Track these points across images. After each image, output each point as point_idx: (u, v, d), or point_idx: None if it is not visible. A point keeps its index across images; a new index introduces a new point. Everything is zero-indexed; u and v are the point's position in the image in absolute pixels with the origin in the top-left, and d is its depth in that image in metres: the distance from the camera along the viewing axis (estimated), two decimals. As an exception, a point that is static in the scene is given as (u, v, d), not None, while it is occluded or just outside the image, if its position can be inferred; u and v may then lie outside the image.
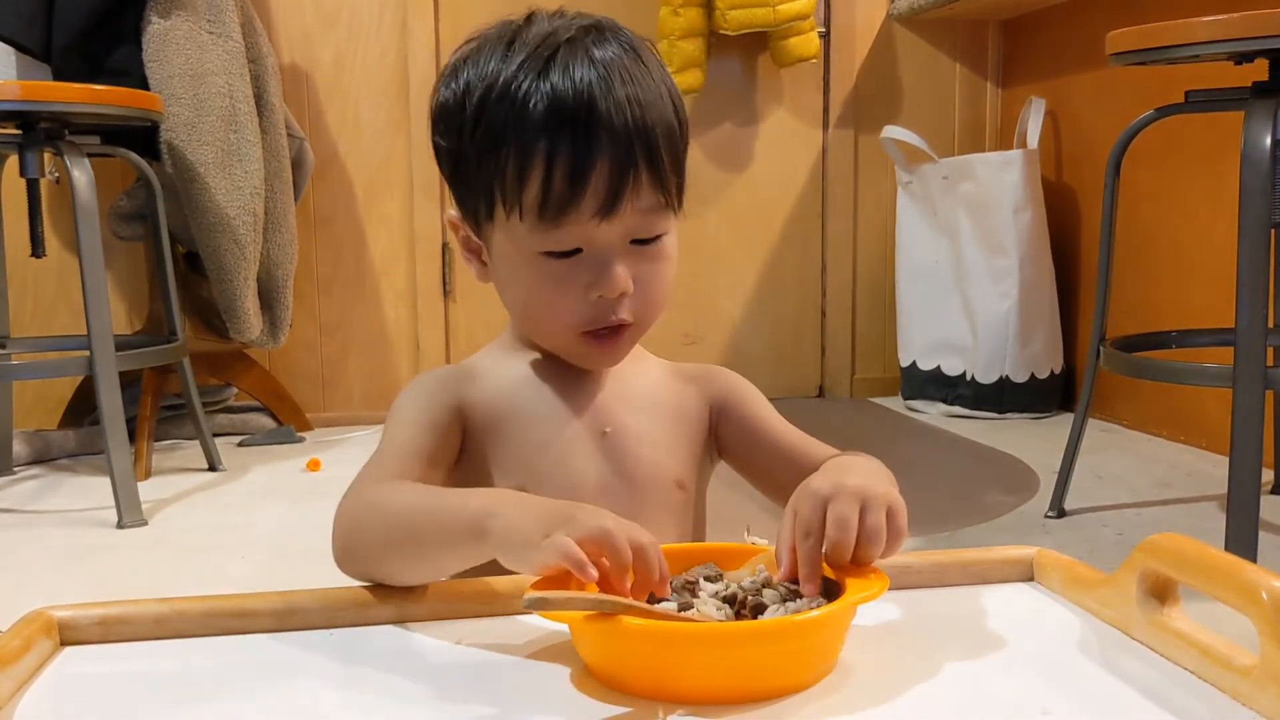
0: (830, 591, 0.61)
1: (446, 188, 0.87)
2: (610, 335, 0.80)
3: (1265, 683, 0.52)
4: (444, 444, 0.81)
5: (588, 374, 0.85)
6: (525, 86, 0.76)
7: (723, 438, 0.88)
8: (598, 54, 0.77)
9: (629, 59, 0.78)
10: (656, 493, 0.84)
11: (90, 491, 2.27)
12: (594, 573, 0.58)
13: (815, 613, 0.58)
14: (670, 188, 0.78)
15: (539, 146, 0.75)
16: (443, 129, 0.82)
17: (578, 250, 0.77)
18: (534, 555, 0.60)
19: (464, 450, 0.84)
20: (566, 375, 0.85)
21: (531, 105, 0.75)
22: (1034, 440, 2.63)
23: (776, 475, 0.85)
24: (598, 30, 0.79)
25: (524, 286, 0.80)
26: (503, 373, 0.85)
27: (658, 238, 0.79)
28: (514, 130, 0.76)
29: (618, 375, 0.86)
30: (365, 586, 0.71)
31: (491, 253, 0.82)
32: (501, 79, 0.77)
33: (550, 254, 0.78)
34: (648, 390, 0.87)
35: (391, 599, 0.69)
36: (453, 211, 0.86)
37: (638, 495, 0.83)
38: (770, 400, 0.92)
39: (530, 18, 0.81)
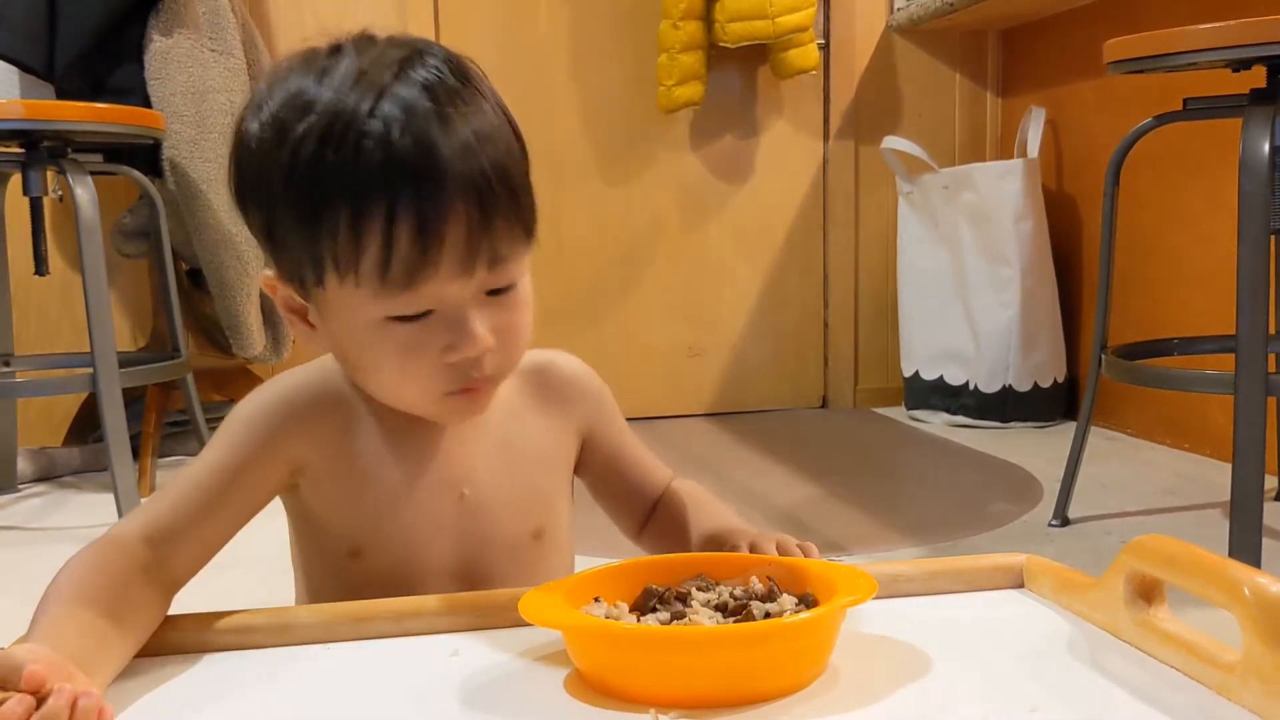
0: (819, 601, 0.62)
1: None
2: (472, 393, 0.72)
3: (1249, 678, 0.53)
4: (248, 491, 0.75)
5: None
6: (351, 128, 0.66)
7: (583, 462, 0.86)
8: (425, 83, 0.68)
9: (459, 84, 0.70)
10: (510, 549, 0.80)
11: (95, 508, 2.28)
12: None
13: (804, 615, 0.58)
14: (524, 232, 0.70)
15: (376, 203, 0.65)
16: (249, 175, 0.72)
17: (429, 311, 0.69)
18: None
19: (299, 491, 0.78)
20: (422, 424, 0.77)
21: (361, 152, 0.65)
22: (1037, 449, 2.63)
23: (625, 498, 0.86)
24: (418, 55, 0.71)
25: (369, 355, 0.71)
26: (369, 417, 0.77)
27: (512, 285, 0.71)
28: (341, 184, 0.66)
29: (476, 420, 0.79)
30: (362, 601, 0.71)
31: (323, 315, 0.72)
32: (319, 119, 0.67)
33: (398, 319, 0.69)
34: (508, 430, 0.81)
35: (387, 614, 0.69)
36: (268, 272, 0.75)
37: (488, 555, 0.80)
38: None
39: (340, 46, 0.72)
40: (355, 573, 0.78)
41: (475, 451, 0.80)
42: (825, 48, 3.15)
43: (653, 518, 0.87)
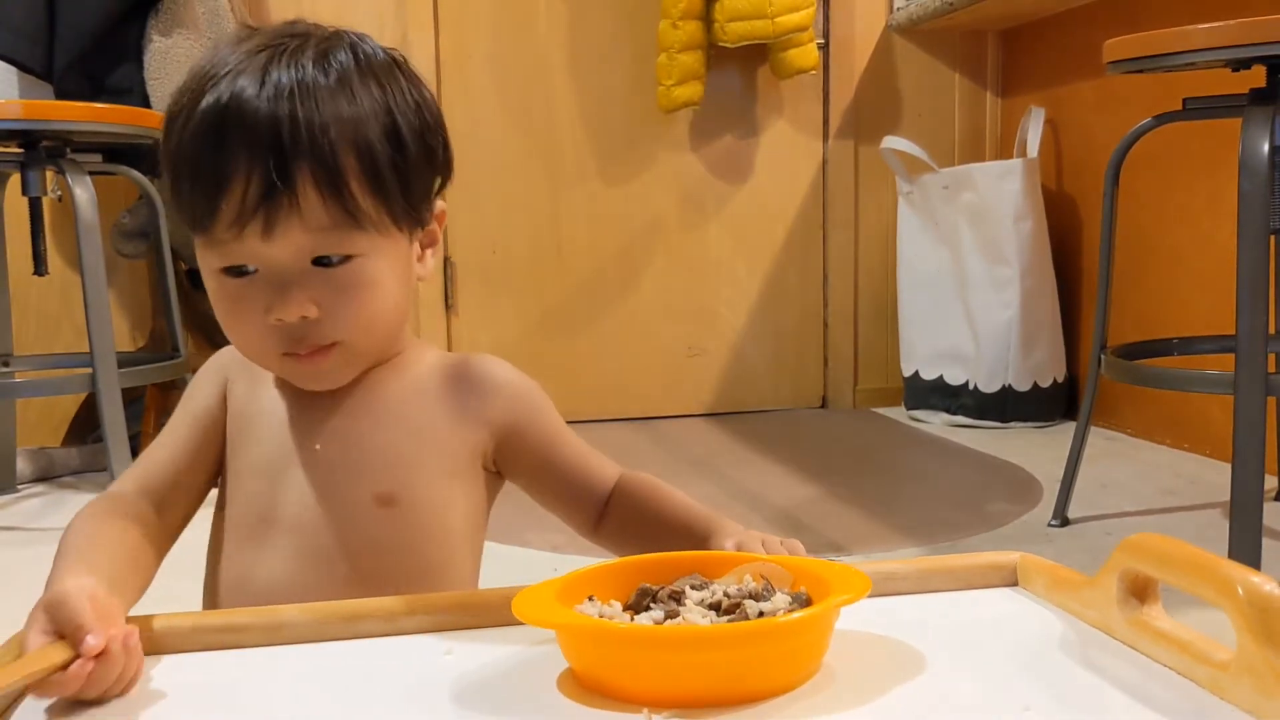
0: (813, 600, 0.62)
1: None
2: (311, 356, 0.76)
3: (1242, 676, 0.53)
4: (206, 444, 0.82)
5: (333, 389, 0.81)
6: (195, 101, 0.73)
7: (508, 460, 0.85)
8: (281, 70, 0.72)
9: (330, 75, 0.73)
10: (349, 510, 0.79)
11: (94, 508, 2.28)
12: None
13: (798, 614, 0.58)
14: (359, 208, 0.73)
15: (185, 158, 0.73)
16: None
17: (255, 270, 0.74)
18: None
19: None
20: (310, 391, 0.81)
21: (190, 118, 0.73)
22: (1037, 449, 2.62)
23: (568, 498, 0.85)
24: (304, 44, 0.75)
25: (215, 306, 0.77)
26: (261, 376, 0.83)
27: (348, 259, 0.74)
28: (174, 142, 0.74)
29: (369, 385, 0.82)
30: (354, 600, 0.71)
31: None
32: (179, 94, 0.75)
33: (227, 272, 0.75)
34: (397, 398, 0.82)
35: (380, 612, 0.69)
36: None
37: (329, 511, 0.79)
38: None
39: (254, 31, 0.77)
40: (218, 527, 0.82)
41: (352, 409, 0.81)
42: (825, 47, 3.15)
43: (608, 513, 0.85)
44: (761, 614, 0.59)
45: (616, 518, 0.85)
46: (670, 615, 0.61)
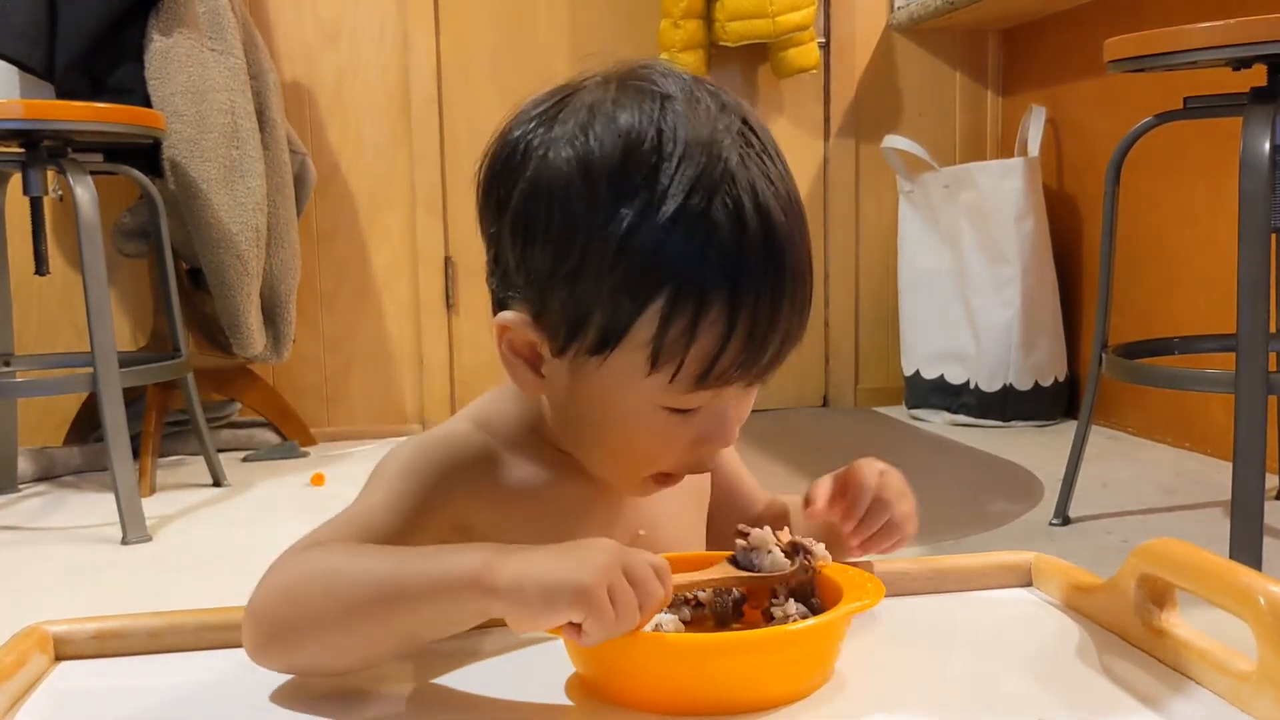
0: (825, 605, 0.61)
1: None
2: (678, 477, 0.69)
3: (1263, 687, 0.52)
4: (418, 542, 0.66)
5: None
6: (706, 214, 0.59)
7: None
8: (775, 179, 0.62)
9: (783, 166, 0.63)
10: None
11: (95, 508, 2.28)
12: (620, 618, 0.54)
13: (810, 622, 0.58)
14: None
15: (718, 303, 0.60)
16: (545, 206, 0.63)
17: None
18: (552, 612, 0.54)
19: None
20: (577, 472, 0.72)
21: (714, 250, 0.59)
22: (1038, 448, 2.62)
23: (722, 513, 0.81)
24: (746, 123, 0.63)
25: (619, 432, 0.66)
26: (523, 465, 0.71)
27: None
28: (686, 273, 0.60)
29: None
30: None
31: (574, 376, 0.65)
32: (665, 196, 0.60)
33: (672, 409, 0.64)
34: None
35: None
36: (510, 315, 0.67)
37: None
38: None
39: (667, 98, 0.62)
40: None
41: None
42: (825, 46, 3.15)
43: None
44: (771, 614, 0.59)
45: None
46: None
